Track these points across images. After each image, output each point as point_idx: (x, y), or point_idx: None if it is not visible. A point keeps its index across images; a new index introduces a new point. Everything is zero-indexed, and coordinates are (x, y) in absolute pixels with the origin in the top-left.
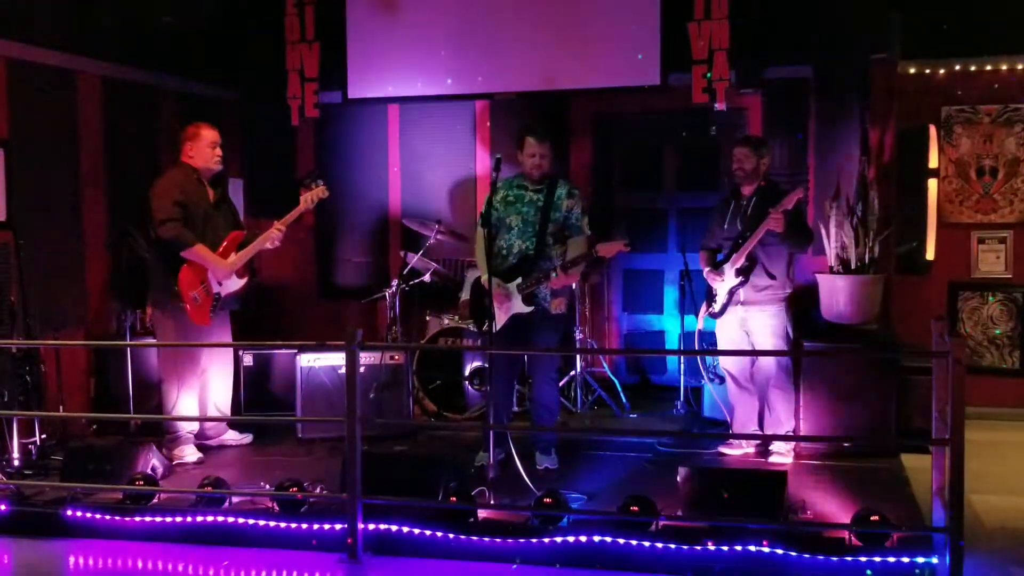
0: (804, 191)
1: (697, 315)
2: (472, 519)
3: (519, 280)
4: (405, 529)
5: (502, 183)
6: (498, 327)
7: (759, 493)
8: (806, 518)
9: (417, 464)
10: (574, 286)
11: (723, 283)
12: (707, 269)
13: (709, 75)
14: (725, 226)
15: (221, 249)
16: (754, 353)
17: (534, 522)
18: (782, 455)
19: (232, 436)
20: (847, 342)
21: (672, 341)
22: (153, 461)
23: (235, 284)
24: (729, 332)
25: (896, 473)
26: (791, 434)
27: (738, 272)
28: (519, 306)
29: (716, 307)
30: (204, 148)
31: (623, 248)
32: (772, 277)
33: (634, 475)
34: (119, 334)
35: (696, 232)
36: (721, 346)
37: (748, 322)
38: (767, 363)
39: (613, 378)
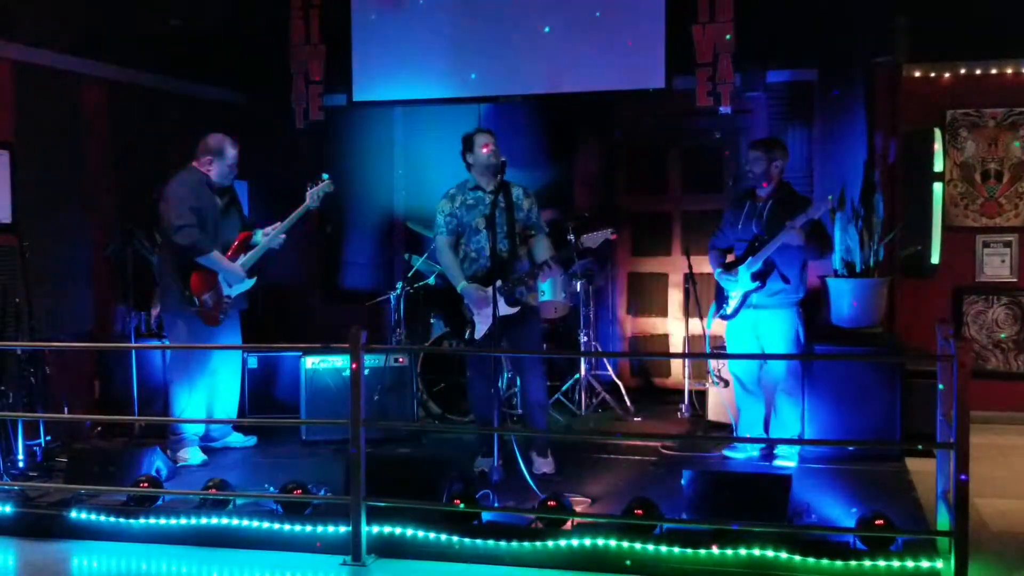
0: (832, 203)
1: (701, 318)
2: (476, 522)
3: (499, 283)
4: (409, 532)
5: (455, 189)
6: (482, 333)
7: (763, 497)
8: (810, 522)
9: (421, 466)
10: (578, 288)
11: (737, 285)
12: (719, 271)
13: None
14: (739, 227)
15: (232, 251)
16: (759, 357)
17: (538, 525)
18: (786, 459)
19: (237, 438)
20: (852, 345)
21: (676, 344)
22: (157, 463)
23: (245, 284)
24: (739, 335)
25: (901, 477)
26: (796, 438)
27: (755, 276)
28: (504, 308)
29: (728, 309)
30: (225, 167)
31: (610, 237)
32: (786, 281)
33: (638, 478)
34: (124, 336)
35: (701, 235)
36: (731, 349)
37: (759, 326)
38: (777, 367)
39: (617, 381)
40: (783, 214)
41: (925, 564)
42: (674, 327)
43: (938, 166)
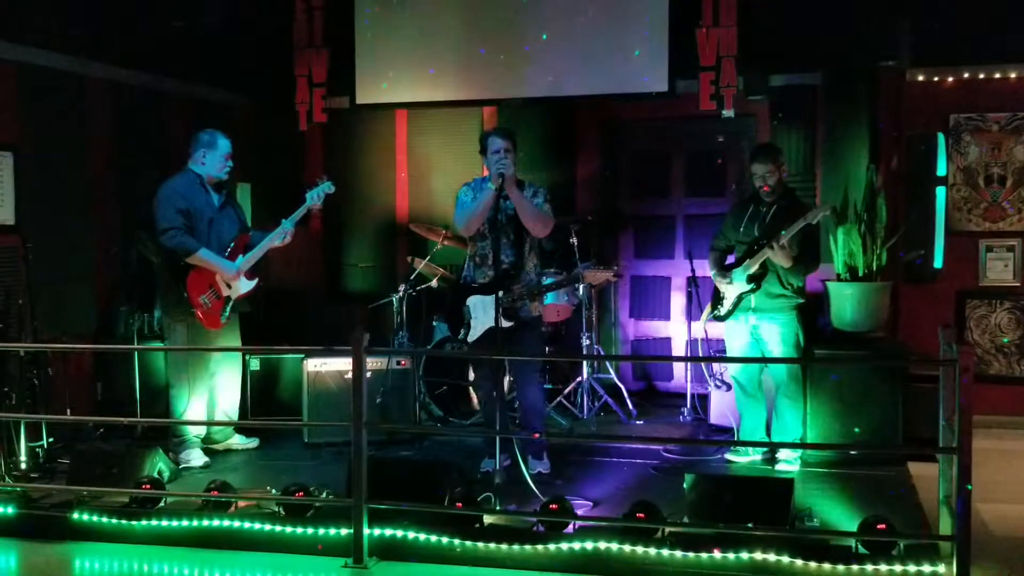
0: (830, 209)
1: (699, 319)
2: (478, 525)
3: (500, 295)
4: (411, 534)
5: (475, 183)
6: (477, 335)
7: (766, 500)
8: (812, 526)
9: (423, 469)
10: (580, 291)
11: (732, 287)
12: (714, 271)
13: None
14: (741, 229)
15: (229, 252)
16: (761, 360)
17: (540, 528)
18: (789, 462)
19: (239, 440)
20: (854, 350)
21: (679, 347)
22: (159, 465)
23: (246, 286)
24: (739, 339)
25: (903, 481)
26: (798, 442)
27: (750, 279)
28: (500, 321)
29: (722, 311)
30: (219, 157)
31: (611, 279)
32: (786, 287)
33: (640, 482)
34: (126, 338)
35: (704, 238)
36: (730, 352)
37: (760, 330)
38: (778, 371)
39: (619, 384)
40: (785, 220)
41: (927, 568)
42: (676, 330)
43: (941, 170)
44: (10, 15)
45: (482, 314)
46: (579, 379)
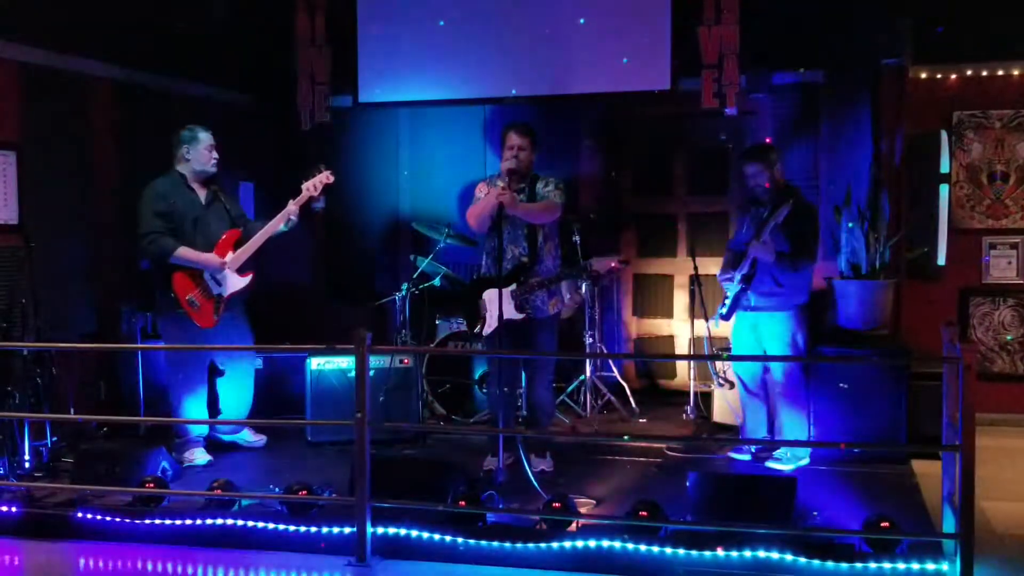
0: (790, 207)
1: (707, 319)
2: (481, 523)
3: (513, 287)
4: (414, 533)
5: (486, 181)
6: (489, 331)
7: (769, 498)
8: (816, 524)
9: (426, 468)
10: (583, 290)
11: (730, 287)
12: (718, 272)
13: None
14: (744, 230)
15: (216, 249)
16: (759, 359)
17: (543, 527)
18: (785, 462)
19: (248, 435)
20: (858, 347)
21: (682, 346)
22: (163, 464)
23: (238, 283)
24: (741, 337)
25: (906, 479)
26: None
27: (742, 279)
28: (510, 312)
29: (723, 311)
30: (202, 151)
31: (616, 265)
32: (778, 284)
33: (643, 480)
34: (129, 337)
35: (706, 236)
36: (734, 350)
37: (758, 328)
38: (775, 371)
39: (622, 382)
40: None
41: (931, 566)
42: (679, 328)
43: (944, 168)
44: (11, 14)
45: (496, 308)
46: (582, 377)
